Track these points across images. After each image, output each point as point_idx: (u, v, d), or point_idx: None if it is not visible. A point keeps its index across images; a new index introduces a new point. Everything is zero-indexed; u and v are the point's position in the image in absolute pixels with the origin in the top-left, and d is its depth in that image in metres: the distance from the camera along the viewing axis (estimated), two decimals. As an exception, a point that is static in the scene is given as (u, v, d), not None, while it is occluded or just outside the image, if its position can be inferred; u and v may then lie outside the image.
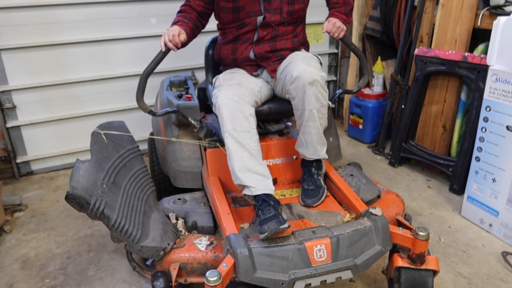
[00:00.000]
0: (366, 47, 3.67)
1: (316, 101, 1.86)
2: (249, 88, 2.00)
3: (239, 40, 2.11)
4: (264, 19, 2.03)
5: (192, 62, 3.33)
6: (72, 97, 3.11)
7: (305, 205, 1.94)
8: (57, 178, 3.10)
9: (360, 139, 3.64)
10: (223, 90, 1.90)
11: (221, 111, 1.83)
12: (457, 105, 2.80)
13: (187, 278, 1.74)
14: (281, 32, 2.08)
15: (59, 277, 2.05)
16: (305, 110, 1.88)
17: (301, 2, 2.08)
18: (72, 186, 1.60)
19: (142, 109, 1.98)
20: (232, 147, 1.78)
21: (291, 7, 2.05)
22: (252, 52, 2.09)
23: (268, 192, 1.75)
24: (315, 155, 1.98)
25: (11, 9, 2.77)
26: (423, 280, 1.67)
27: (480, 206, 2.37)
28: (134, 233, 1.68)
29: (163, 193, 2.43)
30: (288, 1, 2.05)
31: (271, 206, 1.69)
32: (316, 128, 1.91)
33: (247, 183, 1.75)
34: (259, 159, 1.82)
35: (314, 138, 1.94)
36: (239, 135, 1.78)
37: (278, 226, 1.57)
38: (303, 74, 1.84)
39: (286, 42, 2.11)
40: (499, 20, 2.16)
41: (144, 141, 3.20)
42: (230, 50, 2.14)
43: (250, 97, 1.95)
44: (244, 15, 2.04)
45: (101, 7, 3.00)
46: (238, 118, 1.81)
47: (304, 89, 1.84)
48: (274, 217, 1.62)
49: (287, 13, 2.05)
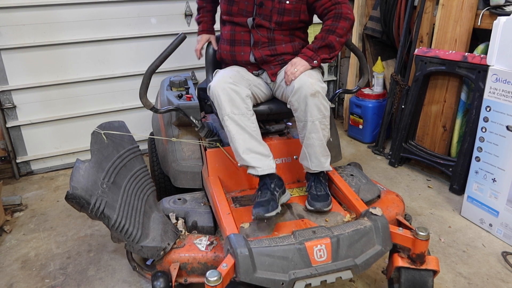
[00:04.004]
0: (366, 47, 3.67)
1: (318, 112, 1.87)
2: (246, 78, 2.06)
3: (236, 42, 2.13)
4: (253, 21, 2.05)
5: (192, 62, 3.33)
6: (72, 97, 3.11)
7: (315, 209, 1.88)
8: (57, 178, 3.10)
9: (360, 139, 3.64)
10: (219, 75, 1.96)
11: (218, 94, 1.87)
12: (457, 105, 2.80)
13: (187, 278, 1.74)
14: (277, 36, 2.08)
15: (59, 277, 2.05)
16: (308, 121, 1.88)
17: (292, 15, 2.04)
18: (72, 186, 1.60)
19: (145, 106, 1.98)
20: (233, 130, 1.86)
21: (280, 18, 2.04)
22: (253, 56, 2.10)
23: (271, 171, 1.87)
24: (319, 167, 1.97)
25: (11, 9, 2.77)
26: (423, 280, 1.67)
27: (480, 206, 2.37)
28: (134, 233, 1.68)
29: (163, 193, 2.43)
30: (278, 11, 2.03)
31: (269, 190, 1.82)
32: (319, 139, 1.91)
33: (252, 164, 1.86)
34: (259, 139, 1.91)
35: (317, 150, 1.93)
36: (238, 118, 1.86)
37: (263, 214, 1.70)
38: (304, 85, 1.85)
39: (286, 46, 2.10)
40: (499, 20, 2.16)
41: (144, 141, 3.21)
42: (229, 52, 2.16)
43: (247, 83, 2.02)
44: (236, 10, 2.07)
45: (101, 7, 3.00)
46: (235, 100, 1.87)
47: (306, 101, 1.85)
48: (266, 202, 1.75)
49: (275, 22, 2.05)
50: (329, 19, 1.98)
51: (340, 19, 1.95)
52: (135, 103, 3.25)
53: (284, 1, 2.01)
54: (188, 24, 3.29)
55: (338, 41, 1.96)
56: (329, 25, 1.96)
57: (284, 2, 2.01)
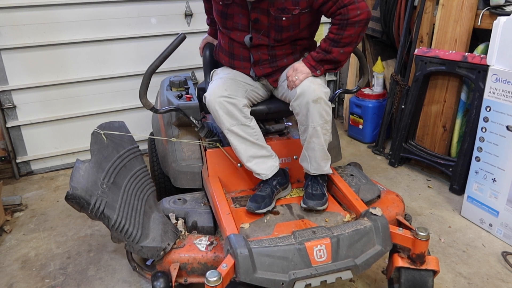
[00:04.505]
0: (366, 47, 3.67)
1: (320, 118, 1.84)
2: (243, 83, 2.04)
3: (235, 56, 2.08)
4: (251, 39, 1.96)
5: (192, 62, 3.33)
6: (72, 97, 3.11)
7: (308, 207, 1.87)
8: (57, 178, 3.10)
9: (360, 139, 3.64)
10: (214, 86, 1.93)
11: (215, 109, 1.88)
12: (457, 105, 2.80)
13: (187, 278, 1.74)
14: (278, 52, 2.00)
15: (59, 277, 2.05)
16: (309, 126, 1.87)
17: (291, 31, 1.91)
18: (72, 186, 1.60)
19: (145, 106, 1.97)
20: (234, 141, 1.93)
21: (279, 35, 1.92)
22: (253, 72, 2.07)
23: (274, 172, 1.98)
24: (319, 170, 1.97)
25: (11, 9, 2.77)
26: (423, 280, 1.67)
27: (480, 206, 2.37)
28: (134, 233, 1.68)
29: (163, 193, 2.43)
30: (275, 28, 1.91)
31: (270, 186, 1.95)
32: (320, 144, 1.90)
33: (257, 171, 1.97)
34: (260, 142, 1.97)
35: (317, 154, 1.93)
36: (237, 128, 1.91)
37: (254, 210, 1.84)
38: (307, 91, 1.82)
39: (288, 60, 2.03)
40: (499, 20, 2.16)
41: (144, 141, 3.20)
42: (228, 63, 2.13)
43: (243, 92, 2.00)
44: (231, 25, 1.99)
45: (101, 7, 3.00)
46: (233, 112, 1.89)
47: (307, 107, 1.83)
48: (261, 198, 1.88)
49: (274, 39, 1.94)
50: (334, 25, 1.84)
51: (347, 26, 1.79)
52: (135, 103, 3.25)
53: (280, 18, 1.87)
54: (188, 24, 3.29)
55: (343, 53, 1.85)
56: (334, 33, 1.83)
57: (280, 18, 1.87)
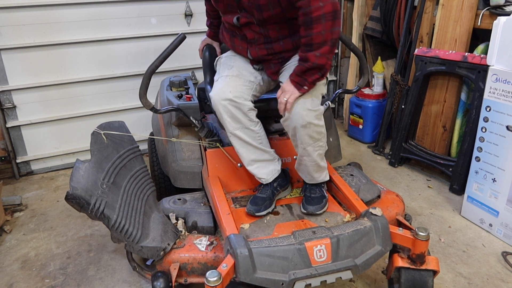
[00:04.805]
0: (366, 47, 3.67)
1: (309, 139, 1.77)
2: (248, 81, 1.93)
3: (234, 33, 1.99)
4: (238, 19, 1.85)
5: (192, 62, 3.33)
6: (72, 97, 3.11)
7: (308, 212, 1.86)
8: (57, 178, 3.10)
9: (360, 139, 3.64)
10: (219, 87, 1.86)
11: (219, 111, 1.85)
12: (457, 105, 2.80)
13: (187, 278, 1.74)
14: (271, 32, 1.84)
15: (59, 277, 2.05)
16: (298, 147, 1.83)
17: (272, 10, 1.73)
18: (72, 186, 1.60)
19: (145, 106, 1.97)
20: (237, 144, 1.92)
21: (260, 15, 1.77)
22: (249, 53, 1.96)
23: (275, 176, 1.97)
24: (313, 181, 1.96)
25: (11, 9, 2.77)
26: (423, 280, 1.67)
27: (480, 206, 2.37)
28: (134, 233, 1.68)
29: (163, 193, 2.43)
30: (256, 7, 1.75)
31: (271, 188, 1.94)
32: (311, 161, 1.86)
33: (258, 175, 1.96)
34: (263, 146, 1.95)
35: (310, 169, 1.90)
36: (241, 132, 1.88)
37: (253, 212, 1.85)
38: (294, 117, 1.71)
39: (284, 43, 1.87)
40: (499, 20, 2.16)
41: (144, 141, 3.20)
42: (229, 41, 2.05)
43: (248, 91, 1.90)
44: (222, 7, 1.90)
45: (101, 7, 3.00)
46: (237, 116, 1.85)
47: (295, 131, 1.76)
48: (261, 200, 1.88)
49: (257, 19, 1.80)
50: (301, 26, 1.64)
51: (312, 24, 1.59)
52: (135, 103, 3.25)
53: None
54: (188, 24, 3.29)
55: (320, 56, 1.62)
56: (303, 36, 1.64)
57: None
